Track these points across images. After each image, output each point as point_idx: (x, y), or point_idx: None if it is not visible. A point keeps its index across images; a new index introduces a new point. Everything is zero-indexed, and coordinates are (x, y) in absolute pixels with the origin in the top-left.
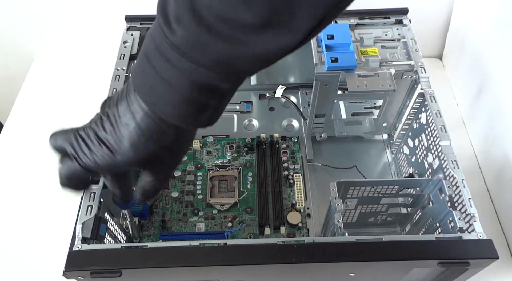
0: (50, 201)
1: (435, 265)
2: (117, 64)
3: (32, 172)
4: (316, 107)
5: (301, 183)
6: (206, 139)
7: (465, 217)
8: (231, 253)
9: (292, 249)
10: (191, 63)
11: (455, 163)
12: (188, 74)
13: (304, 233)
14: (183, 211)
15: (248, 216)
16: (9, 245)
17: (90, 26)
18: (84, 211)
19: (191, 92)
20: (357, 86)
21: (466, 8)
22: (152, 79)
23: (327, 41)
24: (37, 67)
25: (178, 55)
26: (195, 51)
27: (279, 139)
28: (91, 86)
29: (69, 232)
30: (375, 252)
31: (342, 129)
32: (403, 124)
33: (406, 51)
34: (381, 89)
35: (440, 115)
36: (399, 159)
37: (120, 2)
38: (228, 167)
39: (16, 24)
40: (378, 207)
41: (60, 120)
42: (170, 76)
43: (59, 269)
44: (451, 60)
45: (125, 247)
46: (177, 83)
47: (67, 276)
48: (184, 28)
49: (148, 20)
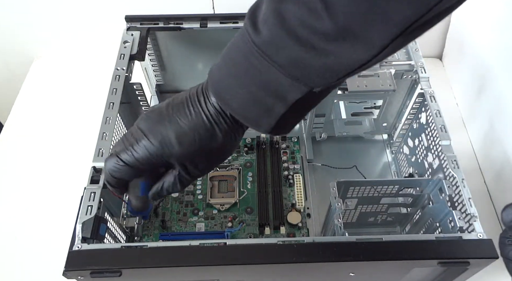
0: (50, 201)
1: (435, 265)
2: (117, 64)
3: (32, 172)
4: (316, 107)
5: (301, 183)
6: None
7: (465, 216)
8: (231, 253)
9: (292, 249)
10: (267, 62)
11: (455, 163)
12: (261, 72)
13: (304, 233)
14: (183, 211)
15: (248, 216)
16: (9, 245)
17: (90, 26)
18: (84, 211)
19: (258, 91)
20: (357, 86)
21: (466, 8)
22: (228, 77)
23: None
24: (37, 67)
25: (257, 54)
26: (273, 50)
27: (279, 139)
28: (91, 86)
29: (69, 232)
30: (375, 252)
31: (342, 129)
32: (403, 124)
33: (406, 51)
34: (381, 89)
35: (440, 115)
36: (399, 158)
37: (120, 2)
38: (228, 167)
39: (16, 24)
40: (378, 207)
41: (60, 120)
42: (244, 72)
43: (59, 269)
44: (451, 60)
45: (125, 247)
46: (248, 80)
47: (67, 276)
48: (268, 29)
49: (148, 20)
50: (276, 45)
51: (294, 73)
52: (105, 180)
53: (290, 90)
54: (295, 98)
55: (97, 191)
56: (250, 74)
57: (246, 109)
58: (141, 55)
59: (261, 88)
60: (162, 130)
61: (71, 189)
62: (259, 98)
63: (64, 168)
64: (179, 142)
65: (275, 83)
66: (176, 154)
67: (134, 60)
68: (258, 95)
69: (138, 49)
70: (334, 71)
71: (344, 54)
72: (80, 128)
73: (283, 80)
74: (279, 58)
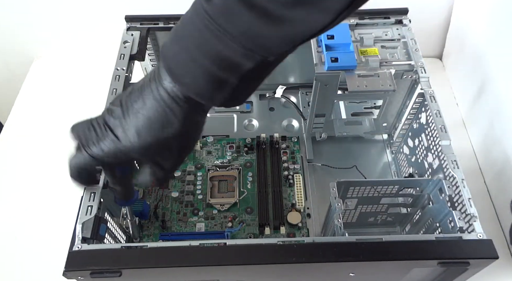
0: (50, 201)
1: (435, 265)
2: (117, 64)
3: (32, 171)
4: (316, 107)
5: (301, 183)
6: (206, 140)
7: (465, 217)
8: (231, 253)
9: (292, 249)
10: (219, 32)
11: (455, 163)
12: (213, 44)
13: (304, 233)
14: (183, 211)
15: (248, 216)
16: (9, 245)
17: (90, 26)
18: (84, 211)
19: (210, 64)
20: (357, 86)
21: (466, 8)
22: (180, 51)
23: (327, 41)
24: (37, 67)
25: (208, 22)
26: (225, 20)
27: (279, 139)
28: (91, 86)
29: (69, 232)
30: (375, 252)
31: (342, 129)
32: (403, 124)
33: (406, 51)
34: (381, 89)
35: (440, 115)
36: (399, 158)
37: (120, 2)
38: (228, 167)
39: (16, 24)
40: (378, 207)
41: (60, 120)
42: (195, 45)
43: (59, 269)
44: (451, 60)
45: (125, 247)
46: (200, 54)
47: (67, 276)
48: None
49: (148, 20)
50: (229, 13)
51: (247, 42)
52: (73, 176)
53: (243, 61)
54: (248, 68)
55: (97, 191)
56: (202, 47)
57: (198, 84)
58: (141, 55)
59: (213, 61)
60: (124, 124)
61: (71, 189)
62: (211, 72)
63: (64, 168)
64: (138, 135)
65: (227, 55)
66: (136, 148)
67: (134, 60)
68: (211, 69)
69: (138, 49)
70: (289, 39)
71: (300, 21)
72: None
73: (235, 50)
74: (232, 27)
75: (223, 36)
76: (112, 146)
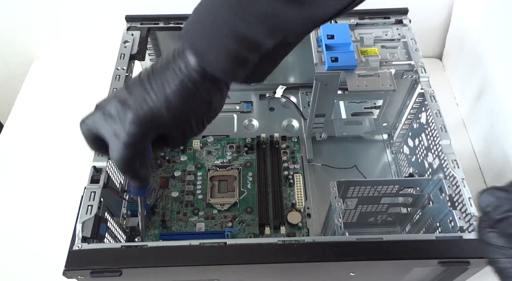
0: (50, 200)
1: (435, 265)
2: (117, 64)
3: (32, 172)
4: (316, 107)
5: (301, 182)
6: (206, 139)
7: (465, 216)
8: (231, 252)
9: (292, 248)
10: (241, 12)
11: (455, 163)
12: (234, 24)
13: (304, 233)
14: (183, 211)
15: (248, 215)
16: (9, 245)
17: (90, 26)
18: (84, 210)
19: (234, 43)
20: (357, 86)
21: (466, 8)
22: (203, 30)
23: (327, 41)
24: (37, 67)
25: (231, 2)
26: (248, 1)
27: (279, 139)
28: (91, 86)
29: (69, 232)
30: (375, 252)
31: (342, 129)
32: (403, 124)
33: (406, 51)
34: (381, 89)
35: (440, 115)
36: (399, 158)
37: (120, 2)
38: (228, 167)
39: (16, 24)
40: (378, 207)
41: (60, 120)
42: (218, 25)
43: (59, 269)
44: (451, 60)
45: (125, 246)
46: (222, 33)
47: (67, 276)
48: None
49: (149, 20)
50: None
51: (269, 23)
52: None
53: (264, 41)
54: (268, 48)
55: (97, 191)
56: (224, 26)
57: (221, 62)
58: (141, 55)
59: (236, 40)
60: (150, 103)
61: (71, 188)
62: (234, 51)
63: (64, 168)
64: (168, 110)
65: (249, 34)
66: (168, 122)
67: (134, 60)
68: (233, 47)
69: (139, 49)
70: (311, 20)
71: (320, 3)
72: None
73: (257, 30)
74: (254, 8)
75: (246, 16)
76: (148, 109)
